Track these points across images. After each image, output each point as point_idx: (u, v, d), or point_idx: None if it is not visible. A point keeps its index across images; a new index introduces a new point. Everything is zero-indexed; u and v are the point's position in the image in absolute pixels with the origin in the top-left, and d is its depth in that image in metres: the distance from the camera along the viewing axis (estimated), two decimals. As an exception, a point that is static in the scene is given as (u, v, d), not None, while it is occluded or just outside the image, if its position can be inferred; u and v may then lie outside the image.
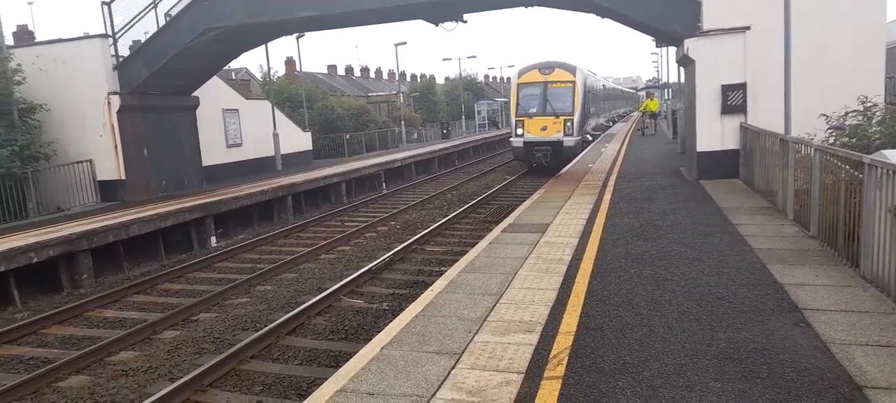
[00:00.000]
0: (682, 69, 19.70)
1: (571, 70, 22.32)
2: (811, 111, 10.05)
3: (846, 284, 5.86)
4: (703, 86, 13.20)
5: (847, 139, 9.10)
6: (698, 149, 13.53)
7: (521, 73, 22.86)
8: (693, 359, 4.48)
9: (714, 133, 13.25)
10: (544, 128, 21.52)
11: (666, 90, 41.37)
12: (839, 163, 6.88)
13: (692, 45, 13.12)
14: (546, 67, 22.43)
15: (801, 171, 8.39)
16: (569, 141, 21.29)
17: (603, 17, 15.65)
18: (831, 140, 9.33)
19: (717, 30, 12.86)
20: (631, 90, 79.24)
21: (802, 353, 4.44)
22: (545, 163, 21.52)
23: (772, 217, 9.16)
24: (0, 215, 14.38)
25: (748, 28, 12.68)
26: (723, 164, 13.15)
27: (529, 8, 16.13)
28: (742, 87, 12.91)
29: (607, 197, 11.98)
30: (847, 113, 9.58)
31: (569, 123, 21.35)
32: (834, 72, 11.99)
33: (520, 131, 21.90)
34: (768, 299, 5.65)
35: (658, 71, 52.65)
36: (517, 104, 22.32)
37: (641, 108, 39.57)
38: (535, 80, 22.20)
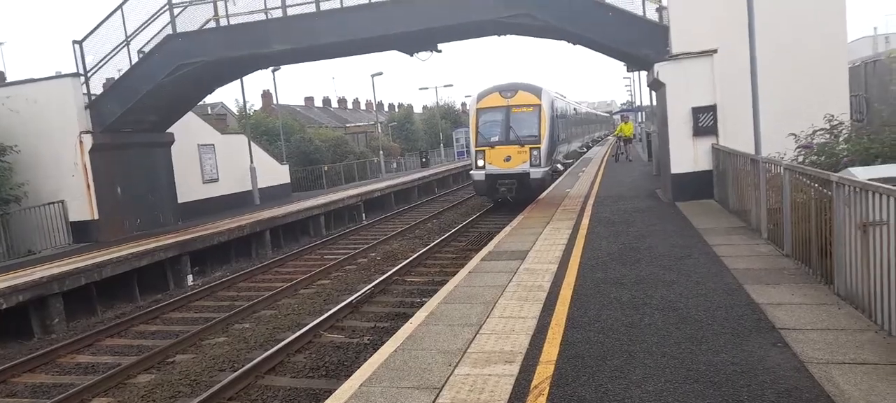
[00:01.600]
0: (653, 93, 20.10)
1: (536, 92, 19.81)
2: (781, 131, 10.25)
3: (821, 302, 5.92)
4: (675, 108, 13.43)
5: (816, 157, 9.29)
6: (673, 171, 13.70)
7: (480, 97, 20.15)
8: (674, 384, 4.47)
9: (687, 155, 13.44)
10: (508, 159, 18.91)
11: (640, 113, 41.99)
12: (808, 182, 7.01)
13: (662, 69, 13.37)
14: (508, 90, 19.83)
15: (773, 190, 8.52)
16: (536, 172, 18.80)
17: (574, 44, 15.92)
18: (800, 159, 9.52)
19: (686, 53, 13.12)
20: (605, 114, 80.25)
21: (781, 374, 4.46)
22: (510, 199, 19.15)
23: (746, 236, 9.27)
24: (-32, 260, 13.99)
25: (715, 51, 12.96)
26: (697, 186, 13.32)
27: (502, 37, 16.36)
28: (712, 109, 13.15)
29: (585, 221, 12.05)
30: (815, 131, 9.79)
31: (535, 152, 18.81)
32: (801, 91, 12.27)
33: (481, 162, 19.16)
34: (746, 320, 5.68)
35: (631, 94, 53.49)
36: (477, 132, 19.72)
37: (616, 133, 35.33)
38: (495, 105, 19.60)
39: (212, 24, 16.38)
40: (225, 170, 23.79)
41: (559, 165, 23.38)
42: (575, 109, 32.91)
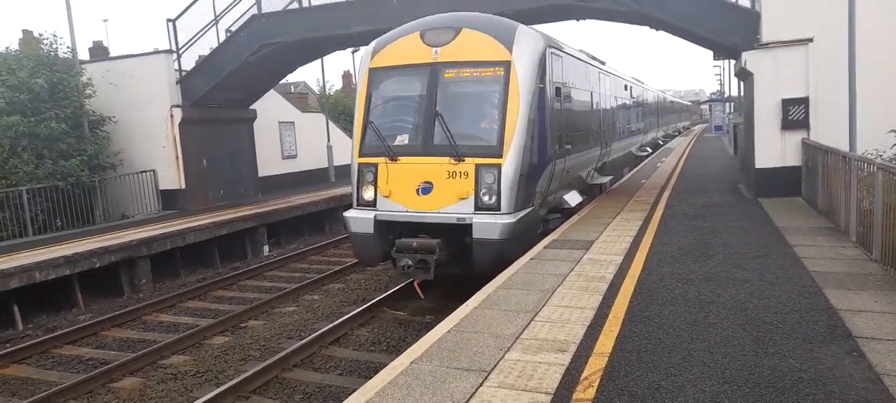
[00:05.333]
0: (741, 82, 19.05)
1: (504, 35, 9.46)
2: (881, 127, 9.50)
3: (908, 312, 5.48)
4: (763, 100, 12.69)
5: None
6: (757, 166, 12.99)
7: (379, 47, 10.17)
8: (732, 386, 4.27)
9: (774, 149, 12.68)
10: (426, 189, 9.27)
11: (727, 104, 39.93)
12: (904, 183, 6.47)
13: (750, 58, 12.64)
14: (440, 28, 9.76)
15: (865, 191, 7.93)
16: (488, 222, 8.83)
17: (657, 30, 15.31)
18: (900, 158, 8.80)
19: (778, 42, 12.33)
20: (684, 102, 76.16)
21: (852, 384, 4.17)
22: (428, 276, 9.08)
23: (832, 238, 8.68)
24: (69, 221, 15.20)
25: (811, 40, 12.11)
26: (783, 182, 12.57)
27: (581, 21, 15.94)
28: (804, 102, 12.33)
29: (658, 213, 11.65)
30: (918, 129, 9.01)
31: (491, 174, 8.98)
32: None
33: (368, 192, 9.69)
34: (820, 325, 5.34)
35: (721, 83, 50.93)
36: (364, 122, 9.87)
37: None
38: (409, 61, 9.77)
39: (295, 6, 16.88)
40: (303, 147, 24.58)
41: (571, 197, 11.82)
42: (627, 86, 20.64)
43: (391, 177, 9.50)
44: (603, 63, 16.35)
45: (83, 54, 19.15)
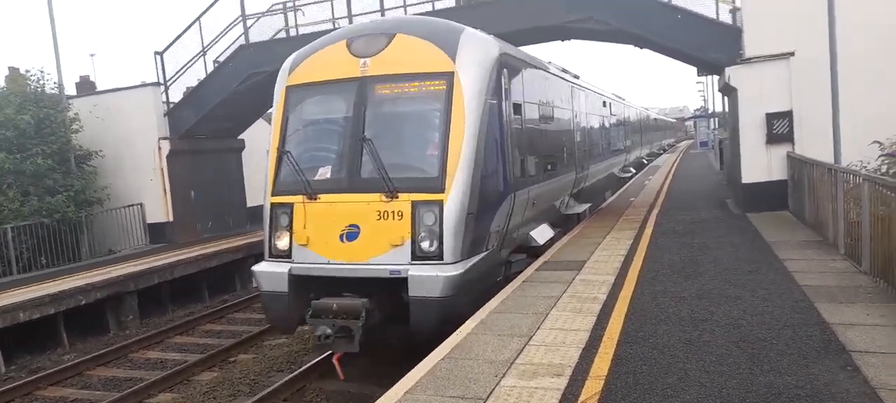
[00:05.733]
0: (725, 98, 19.28)
1: (446, 41, 7.96)
2: (864, 138, 9.60)
3: (901, 324, 5.48)
4: (747, 114, 12.80)
5: (901, 167, 8.64)
6: (744, 181, 13.07)
7: (300, 60, 8.66)
8: (729, 407, 4.23)
9: (760, 163, 12.78)
10: (352, 234, 7.61)
11: (712, 120, 40.37)
12: (891, 194, 6.52)
13: (733, 73, 12.78)
14: (370, 35, 8.29)
15: (852, 203, 7.98)
16: (430, 275, 7.12)
17: (641, 48, 15.48)
18: (884, 169, 8.88)
19: (760, 57, 12.50)
20: (668, 119, 76.93)
21: (848, 400, 4.15)
22: (352, 348, 7.23)
23: (822, 251, 8.72)
24: (54, 258, 14.98)
25: (792, 54, 12.29)
26: (770, 196, 12.64)
27: (566, 42, 16.09)
28: (788, 115, 12.46)
29: (648, 231, 11.66)
30: (901, 139, 9.12)
31: (431, 213, 7.35)
32: (887, 96, 11.47)
33: (281, 240, 8.08)
34: (814, 340, 5.32)
35: (705, 100, 51.51)
36: (278, 152, 8.35)
37: None
38: (333, 76, 8.24)
39: (282, 35, 16.93)
40: (292, 176, 24.44)
41: (539, 233, 10.39)
42: (606, 104, 19.59)
43: (310, 220, 7.69)
44: (577, 77, 15.11)
45: (70, 89, 19.04)
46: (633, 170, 26.57)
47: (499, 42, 8.77)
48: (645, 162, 33.62)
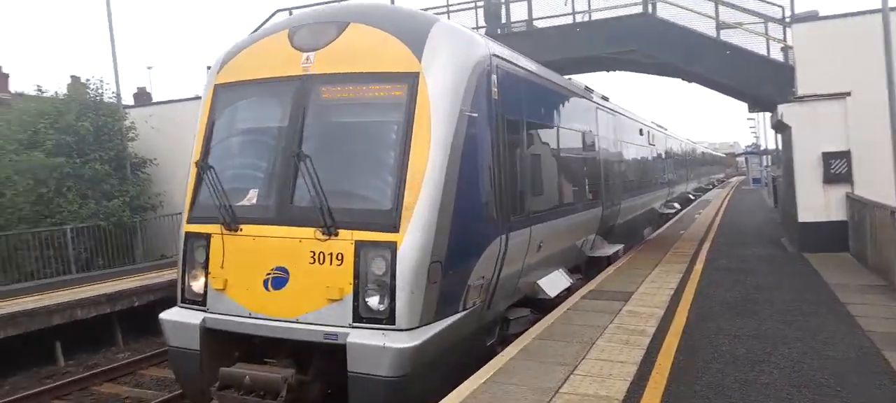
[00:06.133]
0: (778, 135, 18.70)
1: (410, 33, 6.15)
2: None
3: (979, 378, 5.12)
4: (802, 153, 12.35)
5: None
6: (800, 220, 12.57)
7: (235, 53, 6.97)
8: (792, 454, 4.00)
9: (817, 203, 12.28)
10: (280, 280, 5.88)
11: (764, 157, 39.22)
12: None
13: (787, 111, 12.36)
14: (316, 24, 6.54)
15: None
16: (376, 346, 5.34)
17: (689, 82, 15.17)
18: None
19: (814, 95, 12.06)
20: (718, 154, 75.66)
21: (926, 457, 3.86)
22: None
23: (887, 296, 8.27)
24: (110, 260, 15.47)
25: (848, 94, 11.83)
26: (828, 236, 12.11)
27: (610, 73, 15.87)
28: (846, 155, 11.97)
29: (699, 266, 11.31)
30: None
31: (380, 259, 5.57)
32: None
33: (195, 279, 6.39)
34: (883, 390, 5.01)
35: (756, 136, 50.13)
36: (198, 167, 6.53)
37: None
38: (270, 73, 6.52)
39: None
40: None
41: (550, 283, 8.52)
42: (643, 132, 17.43)
43: (228, 258, 6.05)
44: (605, 98, 13.31)
45: (128, 99, 19.84)
46: (678, 206, 24.57)
47: (488, 40, 7.17)
48: (691, 197, 31.66)
